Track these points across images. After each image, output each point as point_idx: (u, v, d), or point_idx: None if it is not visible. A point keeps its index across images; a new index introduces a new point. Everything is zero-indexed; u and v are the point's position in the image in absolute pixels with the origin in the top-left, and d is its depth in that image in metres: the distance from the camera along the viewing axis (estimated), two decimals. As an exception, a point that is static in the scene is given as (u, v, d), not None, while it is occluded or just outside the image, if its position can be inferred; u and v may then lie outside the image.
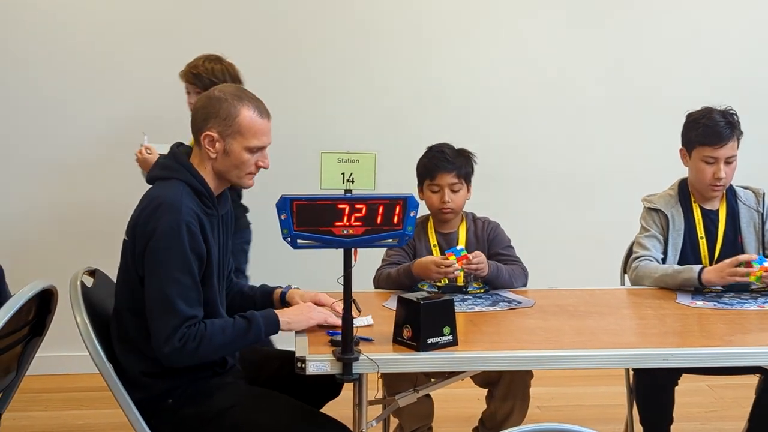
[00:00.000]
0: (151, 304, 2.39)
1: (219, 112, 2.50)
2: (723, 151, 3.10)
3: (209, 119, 2.51)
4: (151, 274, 2.40)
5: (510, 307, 2.85)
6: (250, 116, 2.51)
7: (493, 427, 3.08)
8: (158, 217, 2.40)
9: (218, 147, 2.52)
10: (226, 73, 3.72)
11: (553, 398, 4.13)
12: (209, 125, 2.51)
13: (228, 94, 2.53)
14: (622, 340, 2.56)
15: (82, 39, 4.45)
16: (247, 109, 2.51)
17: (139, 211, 2.50)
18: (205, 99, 2.56)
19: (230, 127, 2.50)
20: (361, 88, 4.59)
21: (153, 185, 2.57)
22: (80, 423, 3.92)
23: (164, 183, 2.52)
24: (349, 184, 2.28)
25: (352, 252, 2.28)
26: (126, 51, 4.47)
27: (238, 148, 2.51)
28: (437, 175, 3.14)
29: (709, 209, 3.22)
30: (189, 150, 2.62)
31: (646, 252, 3.17)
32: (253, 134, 2.52)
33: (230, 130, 2.50)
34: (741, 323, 2.68)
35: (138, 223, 2.46)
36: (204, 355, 2.40)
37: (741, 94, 4.29)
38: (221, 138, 2.51)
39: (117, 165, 4.50)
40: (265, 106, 2.57)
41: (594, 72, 4.69)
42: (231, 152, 2.52)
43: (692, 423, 3.83)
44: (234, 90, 2.56)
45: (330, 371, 2.29)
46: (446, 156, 3.15)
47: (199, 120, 2.53)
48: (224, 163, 2.53)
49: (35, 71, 4.45)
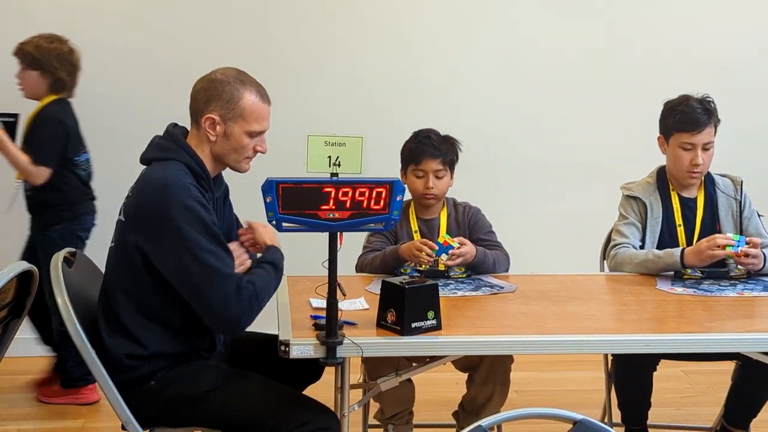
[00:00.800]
0: (195, 281, 2.35)
1: (222, 94, 2.49)
2: (700, 138, 3.13)
3: (211, 101, 2.49)
4: (181, 254, 2.35)
5: (492, 292, 2.86)
6: (252, 100, 2.50)
7: (473, 411, 3.10)
8: (167, 198, 2.37)
9: (219, 130, 2.50)
10: (61, 56, 3.76)
11: (531, 383, 4.16)
12: (211, 107, 2.49)
13: (231, 77, 2.52)
14: (603, 326, 2.59)
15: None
16: (250, 93, 2.51)
17: (140, 191, 2.46)
18: (206, 81, 2.54)
19: (232, 110, 2.49)
20: (348, 71, 4.57)
21: (149, 166, 2.54)
22: (57, 405, 3.88)
23: (162, 164, 2.49)
24: (336, 167, 2.28)
25: (338, 236, 2.27)
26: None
27: (239, 132, 2.50)
28: (423, 160, 3.14)
29: (687, 197, 3.25)
30: (184, 131, 2.60)
31: (624, 239, 3.19)
32: (255, 119, 2.51)
33: (232, 114, 2.49)
34: (720, 310, 2.71)
35: (140, 204, 2.44)
36: (263, 305, 2.42)
37: (720, 83, 4.33)
38: (222, 121, 2.49)
39: (97, 148, 4.47)
40: (265, 91, 2.56)
41: (576, 61, 4.70)
42: (231, 135, 2.51)
43: (668, 408, 3.87)
44: (236, 73, 2.54)
45: (314, 355, 2.30)
46: (432, 142, 3.15)
47: (201, 102, 2.51)
48: (223, 147, 2.52)
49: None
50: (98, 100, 4.45)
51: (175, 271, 2.39)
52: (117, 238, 2.52)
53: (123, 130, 4.46)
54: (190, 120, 2.57)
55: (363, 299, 2.68)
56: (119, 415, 2.42)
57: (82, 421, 3.71)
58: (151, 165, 2.54)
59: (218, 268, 2.36)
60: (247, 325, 2.41)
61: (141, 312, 2.46)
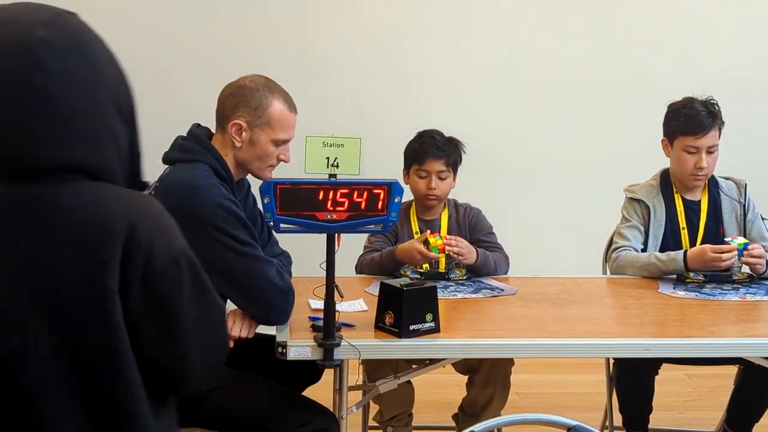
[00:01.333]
0: (240, 273, 2.38)
1: (250, 101, 2.49)
2: (704, 141, 3.10)
3: (239, 107, 2.50)
4: (221, 252, 2.36)
5: (492, 294, 2.84)
6: (280, 109, 2.51)
7: (472, 413, 3.08)
8: (199, 198, 2.37)
9: (245, 136, 2.51)
10: None
11: (533, 385, 4.14)
12: (238, 113, 2.50)
13: (260, 84, 2.53)
14: (604, 329, 2.57)
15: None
16: (278, 102, 2.52)
17: (167, 192, 2.42)
18: (235, 87, 2.54)
19: (260, 117, 2.49)
20: (347, 72, 4.56)
21: (173, 166, 2.53)
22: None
23: (187, 165, 2.48)
24: (334, 168, 2.27)
25: (336, 237, 2.26)
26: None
27: (264, 140, 2.51)
28: (426, 160, 3.12)
29: (691, 200, 3.23)
30: (208, 132, 2.60)
31: (626, 242, 3.17)
32: (282, 127, 2.52)
33: (259, 121, 2.50)
34: (722, 314, 2.69)
35: (169, 206, 2.40)
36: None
37: (724, 85, 4.30)
38: (249, 127, 2.50)
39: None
40: (293, 101, 2.57)
41: (579, 62, 4.68)
42: (257, 143, 2.51)
43: (670, 412, 3.84)
44: (265, 81, 2.55)
45: (311, 357, 2.28)
46: (437, 143, 3.14)
47: (228, 107, 2.52)
48: (248, 153, 2.53)
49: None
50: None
51: (216, 271, 2.35)
52: None
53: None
54: (216, 125, 2.58)
55: (362, 301, 2.67)
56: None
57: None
58: (175, 165, 2.53)
59: (260, 256, 2.41)
60: (291, 308, 2.44)
61: None
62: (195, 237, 2.34)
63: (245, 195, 2.70)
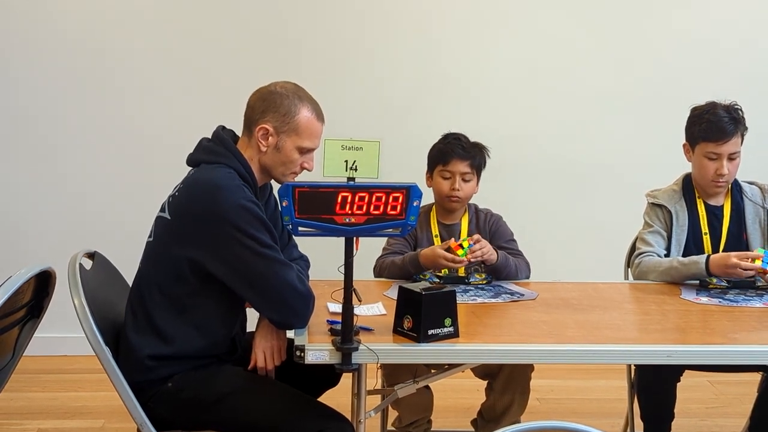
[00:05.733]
0: (260, 277, 2.39)
1: (279, 107, 2.50)
2: (726, 148, 3.07)
3: (268, 112, 2.51)
4: (243, 254, 2.37)
5: (512, 299, 2.82)
6: (308, 117, 2.53)
7: (491, 419, 3.06)
8: (222, 200, 2.38)
9: (271, 141, 2.52)
10: None
11: (553, 391, 4.11)
12: (267, 118, 2.51)
13: (290, 91, 2.54)
14: (625, 335, 2.54)
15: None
16: (307, 110, 2.53)
17: (191, 193, 2.46)
18: (265, 92, 2.55)
19: (288, 124, 2.51)
20: (366, 75, 4.57)
21: (197, 167, 2.54)
22: (78, 405, 3.91)
23: (211, 167, 2.49)
24: (352, 171, 2.25)
25: (354, 241, 2.25)
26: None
27: (290, 146, 2.52)
28: (451, 161, 3.11)
29: (713, 205, 3.19)
30: (233, 134, 2.60)
31: (648, 248, 3.14)
32: (308, 135, 2.53)
33: (287, 127, 2.51)
34: (745, 320, 2.65)
35: (193, 206, 2.42)
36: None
37: (748, 88, 4.26)
38: (276, 133, 2.51)
39: (116, 147, 4.50)
40: (321, 110, 2.58)
41: (600, 64, 4.66)
42: (282, 149, 2.52)
43: (693, 419, 3.81)
44: (294, 88, 2.56)
45: (329, 361, 2.27)
46: (462, 144, 3.13)
47: (257, 111, 2.53)
48: (273, 159, 2.54)
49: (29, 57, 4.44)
50: (121, 99, 4.49)
51: (237, 273, 2.40)
52: (158, 235, 2.52)
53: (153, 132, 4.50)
54: (243, 128, 2.59)
55: (381, 304, 2.66)
56: (134, 417, 2.41)
57: (102, 421, 3.72)
58: (199, 167, 2.54)
59: (282, 260, 2.41)
60: (310, 312, 2.44)
61: (175, 310, 2.46)
62: (216, 237, 2.37)
63: (267, 198, 2.70)
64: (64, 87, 4.46)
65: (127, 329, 2.50)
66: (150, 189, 3.42)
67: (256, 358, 2.51)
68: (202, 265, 2.41)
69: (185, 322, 2.47)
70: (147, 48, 4.47)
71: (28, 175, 4.51)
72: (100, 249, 2.73)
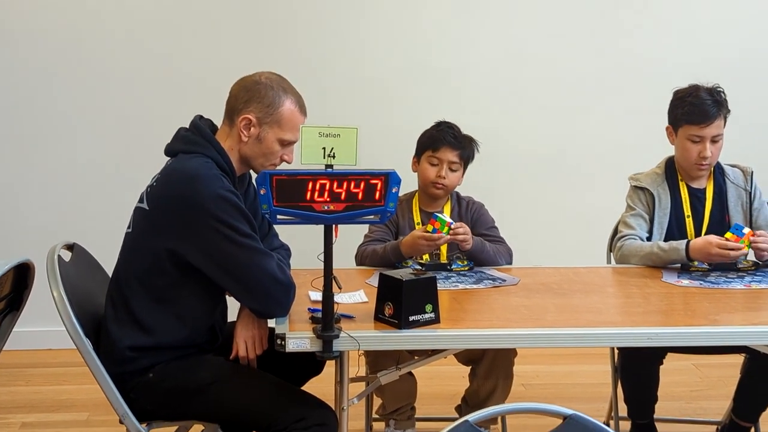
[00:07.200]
0: (240, 266, 2.38)
1: (263, 98, 2.49)
2: (709, 130, 3.07)
3: (251, 102, 2.50)
4: (222, 243, 2.36)
5: (494, 285, 2.83)
6: (291, 110, 2.52)
7: (475, 404, 3.07)
8: (199, 189, 2.36)
9: (253, 132, 2.51)
10: None
11: (538, 376, 4.12)
12: (250, 108, 2.50)
13: (274, 82, 2.53)
14: (606, 319, 2.55)
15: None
16: (291, 102, 2.52)
17: (169, 183, 2.45)
18: (249, 82, 2.53)
19: (271, 115, 2.50)
20: (343, 63, 4.54)
21: (175, 157, 2.53)
22: (62, 398, 3.90)
23: (188, 156, 2.48)
24: (330, 159, 2.24)
25: (333, 228, 2.24)
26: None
27: (272, 138, 2.52)
28: (441, 148, 3.11)
29: (696, 188, 3.20)
30: (210, 123, 2.59)
31: (631, 231, 3.15)
32: (290, 128, 2.52)
33: (270, 119, 2.50)
34: (726, 302, 2.66)
35: (170, 196, 2.41)
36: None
37: (729, 71, 4.26)
38: (258, 124, 2.50)
39: (94, 138, 4.48)
40: (304, 104, 2.57)
41: (580, 52, 4.65)
42: (264, 140, 2.51)
43: (677, 402, 3.82)
44: (279, 79, 2.55)
45: (310, 348, 2.27)
46: (454, 133, 3.14)
47: (241, 101, 2.51)
48: (253, 149, 2.53)
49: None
50: (100, 91, 4.47)
51: (216, 263, 2.39)
52: (137, 225, 2.51)
53: (131, 123, 4.48)
54: (224, 117, 2.57)
55: (362, 292, 2.66)
56: (116, 408, 2.41)
57: (86, 414, 3.71)
58: (177, 157, 2.52)
59: (261, 249, 2.40)
60: (291, 302, 2.43)
61: (155, 301, 2.46)
62: (195, 227, 2.36)
63: (246, 188, 2.69)
64: (42, 80, 4.43)
65: (108, 321, 2.49)
66: (128, 180, 3.41)
67: (237, 348, 2.51)
68: (182, 256, 2.40)
69: (165, 313, 2.47)
70: (124, 39, 4.44)
71: (5, 168, 4.48)
72: (80, 241, 2.71)
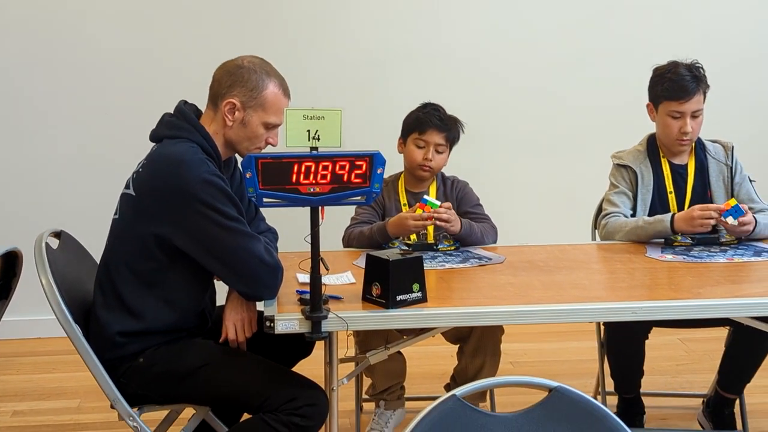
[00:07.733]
0: (227, 249, 2.39)
1: (247, 82, 2.50)
2: (689, 106, 3.10)
3: (235, 86, 2.50)
4: (208, 227, 2.37)
5: (480, 263, 2.85)
6: (275, 93, 2.52)
7: (464, 382, 3.02)
8: (186, 173, 2.37)
9: (237, 116, 2.51)
10: None
11: (526, 354, 4.16)
12: (234, 92, 2.50)
13: (257, 66, 2.53)
14: (592, 294, 2.57)
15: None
16: (274, 86, 2.53)
17: (155, 168, 2.45)
18: (232, 66, 2.54)
19: (255, 99, 2.50)
20: (328, 44, 4.54)
21: (160, 143, 2.53)
22: (53, 386, 3.91)
23: (174, 142, 2.48)
24: (315, 141, 2.25)
25: (319, 210, 2.26)
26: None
27: (256, 121, 2.52)
28: (428, 130, 3.12)
29: (678, 164, 3.23)
30: (195, 108, 2.60)
31: (615, 209, 3.18)
32: (274, 111, 2.53)
33: (254, 102, 2.50)
34: (710, 276, 2.69)
35: (157, 181, 2.42)
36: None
37: (709, 47, 4.29)
38: (243, 108, 2.51)
39: (79, 125, 4.46)
40: (287, 86, 2.57)
41: (563, 29, 4.66)
42: (248, 124, 2.52)
43: (663, 376, 3.87)
44: (261, 63, 2.56)
45: (299, 330, 2.29)
46: (440, 115, 3.15)
47: (224, 85, 2.52)
48: (238, 133, 2.53)
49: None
50: (84, 77, 4.45)
51: (204, 247, 2.40)
52: (124, 211, 2.52)
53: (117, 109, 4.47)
54: (208, 101, 2.58)
55: (350, 273, 2.68)
56: (107, 393, 2.42)
57: (78, 401, 3.72)
58: (162, 142, 2.53)
59: (248, 232, 2.41)
60: (279, 284, 2.44)
61: (143, 286, 2.47)
62: (181, 212, 2.37)
63: (232, 172, 2.70)
64: (25, 67, 4.41)
65: (97, 307, 2.50)
66: (114, 166, 3.41)
67: (226, 331, 2.53)
68: (169, 241, 2.41)
69: (154, 298, 2.48)
70: (107, 24, 4.42)
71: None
72: (67, 228, 2.72)
